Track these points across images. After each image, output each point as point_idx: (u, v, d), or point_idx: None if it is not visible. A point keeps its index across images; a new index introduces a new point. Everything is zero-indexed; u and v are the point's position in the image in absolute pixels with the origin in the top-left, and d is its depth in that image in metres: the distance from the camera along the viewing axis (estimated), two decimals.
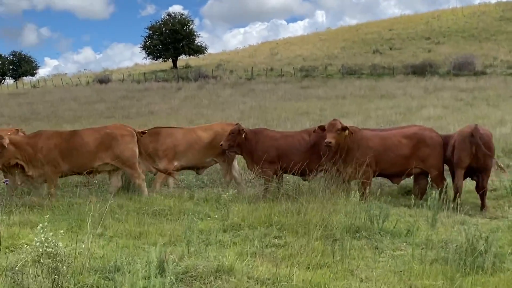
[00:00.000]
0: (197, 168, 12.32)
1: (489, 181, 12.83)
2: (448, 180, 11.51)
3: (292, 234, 7.69)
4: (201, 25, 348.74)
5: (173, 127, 12.66)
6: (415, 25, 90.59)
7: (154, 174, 11.93)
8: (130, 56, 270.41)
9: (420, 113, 30.05)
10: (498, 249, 6.64)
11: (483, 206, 10.72)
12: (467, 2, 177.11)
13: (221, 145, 11.19)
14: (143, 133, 11.43)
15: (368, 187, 10.56)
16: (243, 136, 11.24)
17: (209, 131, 12.10)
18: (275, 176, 11.10)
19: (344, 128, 10.69)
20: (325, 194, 9.05)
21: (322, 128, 10.89)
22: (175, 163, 11.66)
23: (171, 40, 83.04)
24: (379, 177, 12.15)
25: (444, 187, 10.51)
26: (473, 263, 6.21)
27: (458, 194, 10.84)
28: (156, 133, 11.81)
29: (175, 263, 5.95)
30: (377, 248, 7.30)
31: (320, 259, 6.52)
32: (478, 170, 10.95)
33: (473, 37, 74.86)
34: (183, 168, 12.20)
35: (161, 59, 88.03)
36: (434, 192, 8.65)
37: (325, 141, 10.41)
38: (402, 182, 12.04)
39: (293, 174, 11.29)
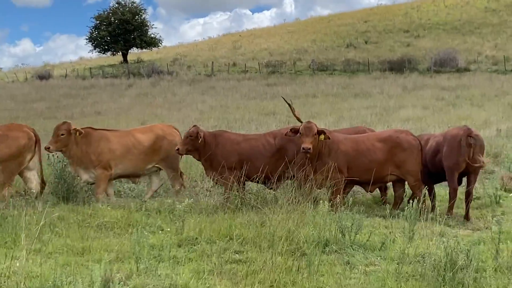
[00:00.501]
0: (135, 177, 12.17)
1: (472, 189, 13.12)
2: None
3: (255, 248, 7.70)
4: (155, 15, 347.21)
5: (107, 129, 12.31)
6: (393, 16, 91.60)
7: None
8: (75, 49, 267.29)
9: (398, 114, 30.44)
10: (480, 264, 6.76)
11: (467, 215, 10.92)
12: None
13: (178, 149, 11.13)
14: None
15: (339, 195, 10.61)
16: (201, 140, 11.20)
17: (149, 134, 11.95)
18: (236, 183, 11.09)
19: (320, 132, 10.73)
20: (292, 203, 9.08)
21: (295, 131, 10.87)
22: (110, 171, 11.46)
23: (121, 31, 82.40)
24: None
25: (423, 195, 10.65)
26: (452, 279, 6.30)
27: (453, 201, 11.08)
28: (87, 135, 11.50)
29: (122, 282, 5.91)
30: (348, 263, 7.36)
31: (285, 276, 6.54)
32: (469, 174, 11.19)
33: (456, 30, 76.06)
34: (120, 176, 12.03)
35: (109, 53, 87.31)
36: (411, 201, 8.76)
37: (303, 147, 10.37)
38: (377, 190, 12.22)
39: (257, 181, 11.30)
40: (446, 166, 11.20)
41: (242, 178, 11.12)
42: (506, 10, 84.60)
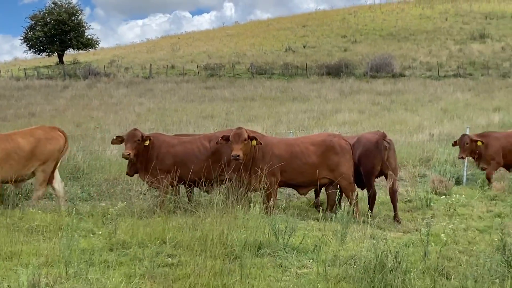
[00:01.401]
0: (15, 182, 11.11)
1: (404, 192, 13.42)
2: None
3: (188, 252, 7.66)
4: (93, 15, 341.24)
5: None
6: (331, 21, 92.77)
7: None
8: (10, 50, 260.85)
9: (335, 118, 30.79)
10: (409, 265, 6.87)
11: (396, 215, 11.19)
12: None
13: (128, 154, 10.87)
14: None
15: (272, 198, 10.66)
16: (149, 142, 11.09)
17: (30, 137, 11.19)
18: (170, 186, 11.02)
19: (252, 138, 10.75)
20: (226, 206, 9.07)
21: (225, 139, 10.86)
22: None
23: (57, 32, 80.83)
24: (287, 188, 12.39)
25: (355, 197, 10.82)
26: (381, 280, 6.40)
27: (374, 202, 11.33)
28: None
29: (49, 286, 5.80)
30: (281, 266, 7.39)
31: (217, 279, 6.52)
32: (386, 175, 11.64)
33: (392, 36, 77.52)
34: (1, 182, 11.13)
35: (45, 54, 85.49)
36: (343, 204, 8.87)
37: (232, 154, 10.41)
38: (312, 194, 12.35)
39: (191, 184, 11.26)
40: (363, 170, 11.50)
41: (177, 181, 11.06)
42: (440, 17, 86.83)
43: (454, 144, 15.48)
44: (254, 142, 10.72)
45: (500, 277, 6.46)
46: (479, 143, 14.90)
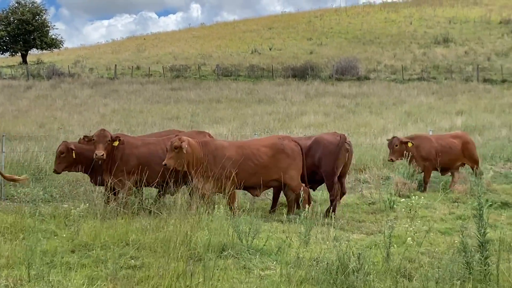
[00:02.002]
0: None
1: (368, 194, 13.55)
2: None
3: (151, 253, 7.63)
4: (58, 15, 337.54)
5: None
6: (297, 24, 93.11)
7: None
8: None
9: (300, 120, 30.92)
10: (371, 267, 6.93)
11: (334, 210, 11.54)
12: (352, 2, 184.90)
13: (102, 155, 10.77)
14: None
15: (234, 200, 10.69)
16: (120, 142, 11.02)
17: None
18: (134, 188, 10.96)
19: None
20: (189, 208, 9.06)
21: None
22: None
23: (20, 32, 79.73)
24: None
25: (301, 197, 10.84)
26: (344, 282, 6.45)
27: (336, 204, 11.46)
28: None
29: None
30: (244, 268, 7.40)
31: (180, 281, 6.50)
32: (340, 177, 11.93)
33: (357, 39, 78.09)
34: None
35: (8, 53, 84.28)
36: (307, 206, 8.91)
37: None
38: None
39: (156, 186, 11.21)
40: (325, 171, 11.60)
41: (141, 183, 11.00)
42: (404, 21, 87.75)
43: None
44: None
45: (461, 278, 6.55)
46: (409, 144, 14.82)
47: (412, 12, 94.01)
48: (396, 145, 14.88)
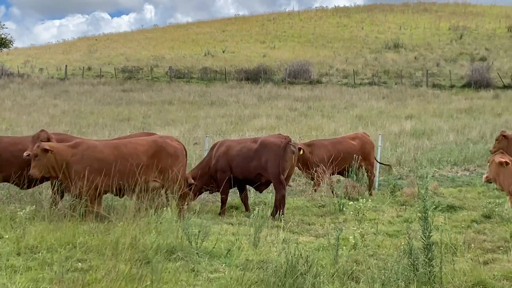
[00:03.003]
0: None
1: (318, 197, 13.65)
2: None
3: (99, 256, 7.55)
4: (8, 14, 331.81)
5: None
6: (250, 27, 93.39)
7: None
8: None
9: (253, 123, 30.95)
10: (319, 269, 6.99)
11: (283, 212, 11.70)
12: (306, 6, 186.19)
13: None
14: None
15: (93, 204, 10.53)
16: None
17: None
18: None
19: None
20: (139, 211, 9.00)
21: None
22: None
23: None
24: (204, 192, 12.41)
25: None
26: (292, 284, 6.48)
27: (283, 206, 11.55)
28: None
29: None
30: (193, 271, 7.38)
31: (128, 284, 6.46)
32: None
33: (310, 43, 78.69)
34: None
35: None
36: (257, 208, 8.93)
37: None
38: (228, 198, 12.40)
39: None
40: (272, 173, 11.67)
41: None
42: (356, 26, 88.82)
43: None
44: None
45: (406, 280, 6.66)
46: (300, 152, 14.63)
47: (364, 18, 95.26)
48: None
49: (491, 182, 10.69)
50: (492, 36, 76.42)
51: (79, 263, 7.39)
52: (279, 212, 11.61)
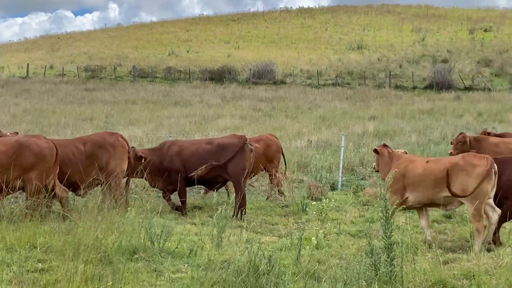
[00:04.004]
0: None
1: (281, 198, 13.69)
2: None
3: (60, 257, 7.46)
4: None
5: None
6: (214, 27, 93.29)
7: None
8: None
9: (217, 123, 30.94)
10: (282, 269, 7.01)
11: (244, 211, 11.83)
12: (271, 6, 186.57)
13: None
14: None
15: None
16: None
17: None
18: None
19: None
20: (101, 211, 8.91)
21: None
22: None
23: None
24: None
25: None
26: (255, 284, 6.49)
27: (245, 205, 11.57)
28: None
29: None
30: (155, 271, 7.34)
31: (89, 285, 6.40)
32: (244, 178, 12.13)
33: (274, 44, 78.88)
34: None
35: None
36: (220, 208, 8.92)
37: None
38: (191, 198, 12.36)
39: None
40: (232, 174, 11.71)
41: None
42: (320, 27, 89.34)
43: None
44: None
45: (368, 279, 6.71)
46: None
47: (328, 19, 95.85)
48: None
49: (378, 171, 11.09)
50: (454, 39, 77.48)
51: (39, 264, 7.31)
52: (241, 212, 11.65)
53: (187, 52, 74.95)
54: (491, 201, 9.70)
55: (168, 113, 35.81)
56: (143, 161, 11.88)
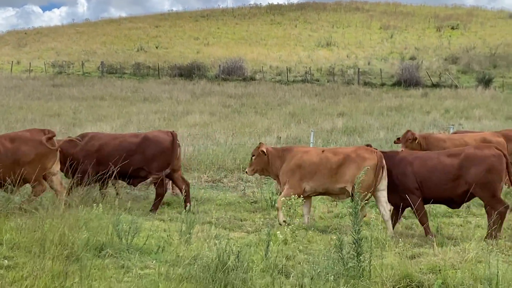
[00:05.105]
0: None
1: (250, 193, 13.70)
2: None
3: (26, 253, 7.38)
4: None
5: None
6: (184, 23, 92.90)
7: None
8: None
9: (186, 119, 30.86)
10: (250, 264, 7.02)
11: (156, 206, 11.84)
12: (241, 3, 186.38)
13: None
14: None
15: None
16: None
17: None
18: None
19: None
20: (68, 207, 8.84)
21: None
22: None
23: None
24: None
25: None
26: (223, 279, 6.49)
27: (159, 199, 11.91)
28: None
29: None
30: (123, 267, 7.30)
31: (55, 282, 6.34)
32: (172, 174, 12.23)
33: (244, 40, 78.87)
34: None
35: None
36: (188, 205, 8.90)
37: None
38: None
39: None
40: (158, 168, 11.81)
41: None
42: (289, 24, 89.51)
43: None
44: None
45: (336, 274, 6.75)
46: None
47: (297, 16, 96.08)
48: None
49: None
50: (422, 36, 78.26)
51: (5, 260, 7.21)
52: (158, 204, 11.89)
53: (156, 48, 74.60)
54: (383, 196, 10.38)
55: (137, 109, 35.61)
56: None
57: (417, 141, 14.07)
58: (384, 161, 10.27)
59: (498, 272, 6.45)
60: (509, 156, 11.73)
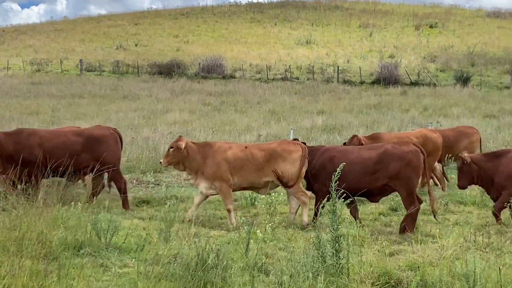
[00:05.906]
0: None
1: None
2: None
3: (3, 252, 7.29)
4: None
5: None
6: (163, 21, 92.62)
7: None
8: None
9: (166, 117, 30.78)
10: (230, 262, 7.01)
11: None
12: (220, 1, 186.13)
13: None
14: None
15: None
16: None
17: None
18: None
19: None
20: (46, 205, 8.77)
21: None
22: None
23: None
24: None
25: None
26: (202, 277, 6.48)
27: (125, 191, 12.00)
28: None
29: None
30: (102, 266, 7.26)
31: (33, 281, 6.27)
32: None
33: (224, 38, 78.81)
34: None
35: None
36: (168, 202, 8.88)
37: None
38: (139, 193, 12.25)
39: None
40: (108, 162, 11.78)
41: None
42: (269, 21, 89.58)
43: None
44: None
45: (315, 272, 6.75)
46: None
47: (277, 14, 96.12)
48: None
49: None
50: (401, 34, 78.68)
51: None
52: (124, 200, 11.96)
53: (136, 45, 74.31)
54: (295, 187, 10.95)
55: (116, 107, 35.45)
56: None
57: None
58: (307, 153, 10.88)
59: (475, 269, 6.49)
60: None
